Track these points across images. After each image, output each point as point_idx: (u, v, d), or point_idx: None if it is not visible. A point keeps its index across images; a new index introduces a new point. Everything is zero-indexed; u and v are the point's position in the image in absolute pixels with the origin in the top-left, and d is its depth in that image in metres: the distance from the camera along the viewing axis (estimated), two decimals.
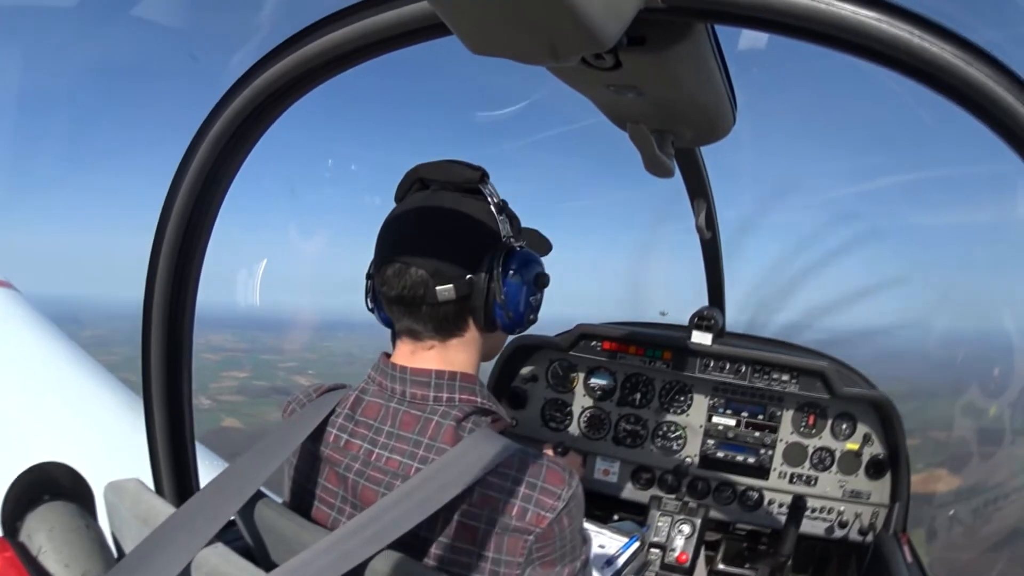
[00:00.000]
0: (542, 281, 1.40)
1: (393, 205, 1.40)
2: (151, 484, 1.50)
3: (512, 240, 1.34)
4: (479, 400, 1.33)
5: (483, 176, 1.33)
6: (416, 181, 1.38)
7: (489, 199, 1.33)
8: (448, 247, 1.28)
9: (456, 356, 1.35)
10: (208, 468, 1.56)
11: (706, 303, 2.98)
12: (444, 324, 1.32)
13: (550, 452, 2.08)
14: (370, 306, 1.46)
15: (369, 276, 1.42)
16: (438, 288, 1.27)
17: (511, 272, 1.31)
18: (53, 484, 1.42)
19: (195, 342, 1.53)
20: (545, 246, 1.61)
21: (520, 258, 1.34)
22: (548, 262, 1.46)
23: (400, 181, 1.40)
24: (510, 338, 1.61)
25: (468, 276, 1.28)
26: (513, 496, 1.18)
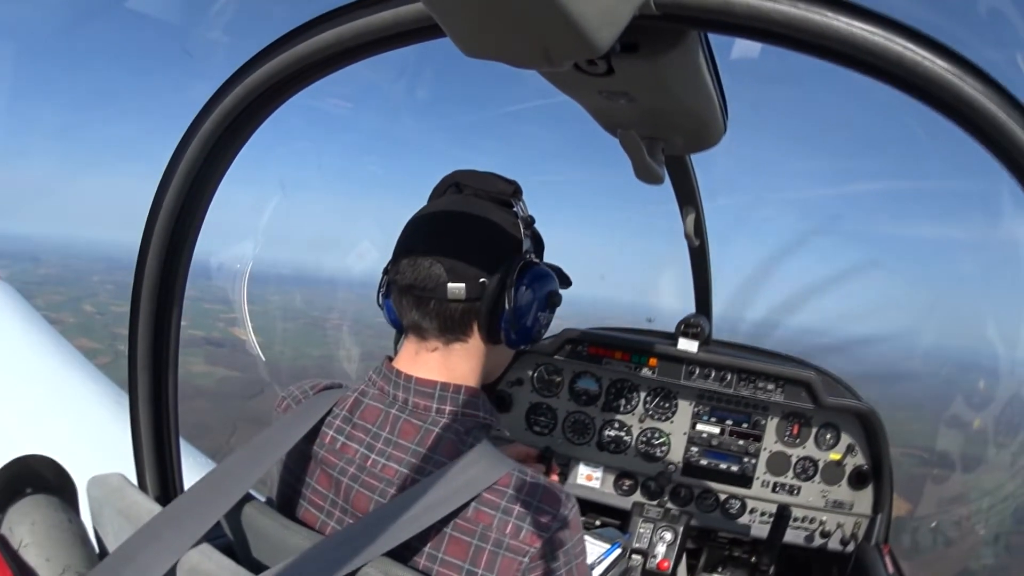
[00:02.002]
0: (554, 300, 1.39)
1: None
2: (134, 479, 1.49)
3: (532, 256, 1.34)
4: (481, 415, 1.33)
5: (516, 191, 1.35)
6: (452, 185, 1.40)
7: (518, 214, 1.35)
8: (467, 248, 1.28)
9: (459, 364, 1.34)
10: (192, 465, 1.56)
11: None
12: (449, 323, 1.31)
13: (531, 453, 2.06)
14: (380, 302, 1.44)
15: (386, 271, 1.40)
16: (449, 285, 1.26)
17: (524, 285, 1.30)
18: (36, 477, 1.41)
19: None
20: (564, 282, 1.56)
21: (535, 273, 1.33)
22: None
23: (437, 184, 1.42)
24: None
25: (481, 280, 1.28)
26: (508, 514, 1.17)
